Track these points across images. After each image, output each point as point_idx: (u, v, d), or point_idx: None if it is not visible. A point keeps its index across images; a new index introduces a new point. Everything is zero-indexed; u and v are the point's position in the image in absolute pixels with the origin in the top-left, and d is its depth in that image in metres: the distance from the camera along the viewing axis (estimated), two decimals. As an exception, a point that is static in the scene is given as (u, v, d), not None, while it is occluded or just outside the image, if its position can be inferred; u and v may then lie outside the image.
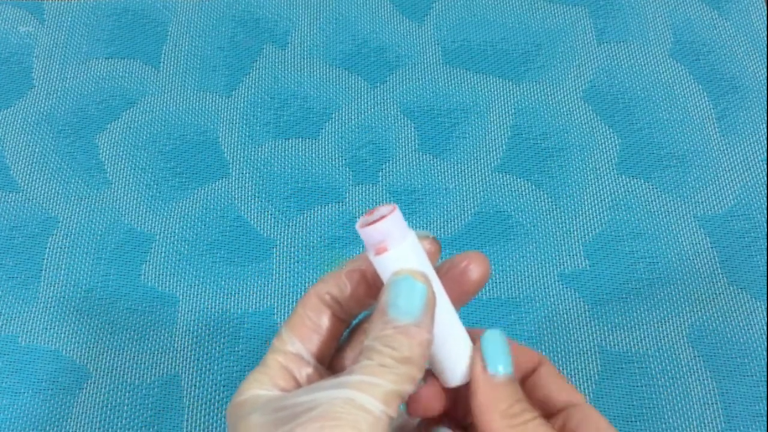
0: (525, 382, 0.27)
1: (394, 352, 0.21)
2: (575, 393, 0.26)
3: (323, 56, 0.52)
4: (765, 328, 0.43)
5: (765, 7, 0.54)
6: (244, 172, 0.48)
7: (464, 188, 0.47)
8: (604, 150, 0.49)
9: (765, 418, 0.41)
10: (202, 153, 0.48)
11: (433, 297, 0.22)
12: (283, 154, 0.48)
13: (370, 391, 0.21)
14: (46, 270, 0.45)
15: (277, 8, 0.54)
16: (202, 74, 0.51)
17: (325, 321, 0.24)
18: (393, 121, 0.49)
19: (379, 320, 0.22)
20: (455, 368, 0.24)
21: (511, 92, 0.50)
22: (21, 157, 0.48)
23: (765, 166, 0.48)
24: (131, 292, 0.44)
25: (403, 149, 0.48)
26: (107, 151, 0.48)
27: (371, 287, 0.24)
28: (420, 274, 0.22)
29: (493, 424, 0.22)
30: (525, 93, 0.50)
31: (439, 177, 0.48)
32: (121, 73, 0.51)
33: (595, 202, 0.47)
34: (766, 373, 0.42)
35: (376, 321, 0.22)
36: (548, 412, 0.26)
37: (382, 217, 0.22)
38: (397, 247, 0.22)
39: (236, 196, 0.47)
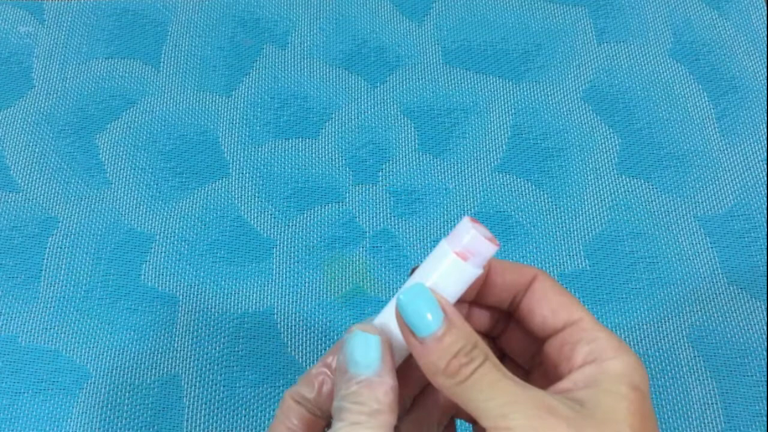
0: (519, 304, 0.26)
1: (363, 407, 0.22)
2: (575, 310, 0.25)
3: (323, 56, 0.52)
4: (765, 328, 0.43)
5: (765, 7, 0.54)
6: (244, 172, 0.48)
7: (464, 188, 0.47)
8: (604, 150, 0.49)
9: (765, 418, 0.41)
10: (202, 153, 0.48)
11: (388, 343, 0.23)
12: (283, 154, 0.48)
13: None
14: (46, 270, 0.45)
15: (277, 8, 0.54)
16: (202, 74, 0.51)
17: (300, 420, 0.25)
18: (393, 121, 0.49)
19: (342, 379, 0.23)
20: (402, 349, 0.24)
21: (511, 92, 0.50)
22: (21, 157, 0.48)
23: (765, 166, 0.48)
24: (131, 292, 0.44)
25: (403, 149, 0.48)
26: (107, 151, 0.48)
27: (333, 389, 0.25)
28: (371, 326, 0.24)
29: (442, 387, 0.22)
30: (525, 93, 0.50)
31: (439, 177, 0.48)
32: (121, 73, 0.51)
33: (595, 202, 0.47)
34: (766, 373, 0.42)
35: (339, 380, 0.23)
36: (548, 335, 0.25)
37: (492, 240, 0.24)
38: (471, 267, 0.24)
39: (236, 196, 0.47)
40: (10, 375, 0.42)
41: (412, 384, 0.26)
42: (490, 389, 0.21)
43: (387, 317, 0.24)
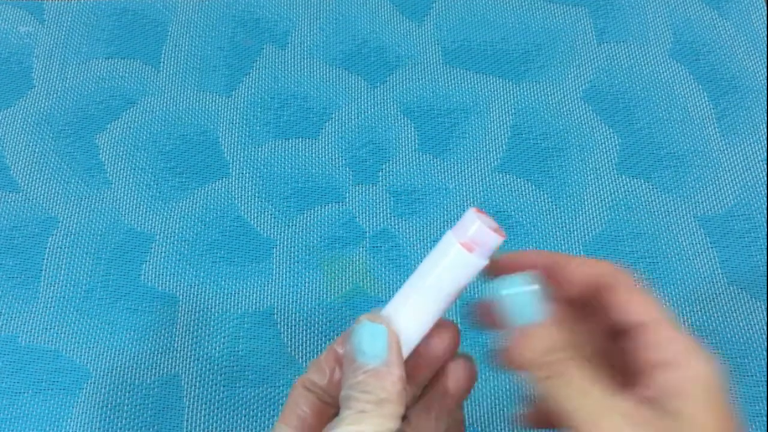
0: (593, 301, 0.25)
1: (370, 396, 0.22)
2: (652, 309, 0.24)
3: (323, 56, 0.52)
4: (765, 328, 0.43)
5: (765, 7, 0.54)
6: (244, 172, 0.48)
7: (464, 188, 0.47)
8: (604, 150, 0.49)
9: (765, 418, 0.41)
10: (202, 153, 0.48)
11: (395, 335, 0.24)
12: (283, 154, 0.48)
13: None
14: (46, 270, 0.45)
15: (277, 8, 0.54)
16: (202, 74, 0.51)
17: (311, 407, 0.25)
18: (393, 121, 0.49)
19: (350, 368, 0.23)
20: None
21: (511, 92, 0.50)
22: (21, 157, 0.48)
23: (765, 166, 0.48)
24: (131, 292, 0.44)
25: (403, 149, 0.48)
26: (107, 151, 0.48)
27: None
28: (378, 317, 0.24)
29: (531, 379, 0.23)
30: (525, 93, 0.50)
31: (439, 177, 0.48)
32: (121, 73, 0.51)
33: (595, 202, 0.47)
34: (766, 373, 0.42)
35: (347, 369, 0.23)
36: (621, 334, 0.25)
37: (498, 231, 0.24)
38: (477, 258, 0.24)
39: (236, 196, 0.47)
40: (10, 375, 0.42)
41: (421, 374, 0.26)
42: (580, 392, 0.22)
43: (395, 308, 0.24)
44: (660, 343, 0.23)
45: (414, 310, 0.24)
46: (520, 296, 0.23)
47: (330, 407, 0.26)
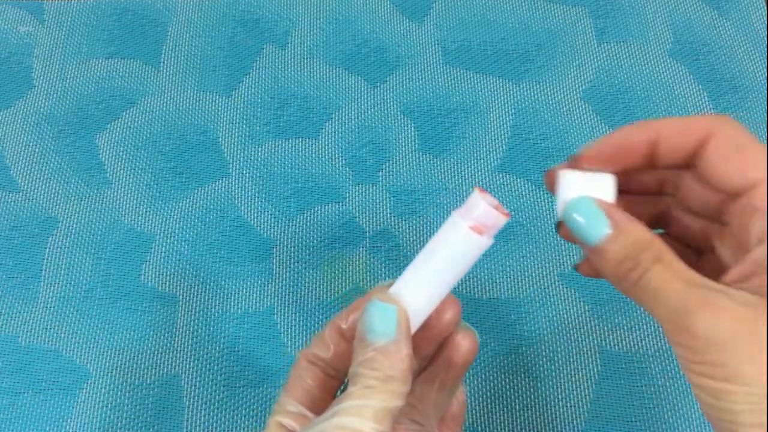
0: (695, 166, 0.23)
1: (377, 373, 0.23)
2: (752, 170, 0.22)
3: (323, 56, 0.52)
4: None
5: (765, 7, 0.54)
6: (244, 172, 0.48)
7: (464, 188, 0.47)
8: (604, 150, 0.49)
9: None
10: (202, 153, 0.48)
11: (405, 315, 0.24)
12: (283, 154, 0.48)
13: (361, 413, 0.22)
14: (46, 270, 0.45)
15: (277, 8, 0.54)
16: (202, 74, 0.51)
17: (315, 380, 0.26)
18: (393, 121, 0.49)
19: (360, 345, 0.24)
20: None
21: (511, 92, 0.50)
22: (21, 157, 0.48)
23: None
24: (131, 292, 0.44)
25: (403, 149, 0.48)
26: (107, 151, 0.48)
27: (350, 345, 0.25)
28: (389, 296, 0.24)
29: (619, 289, 0.23)
30: (525, 93, 0.50)
31: (439, 177, 0.48)
32: (121, 73, 0.51)
33: (595, 202, 0.47)
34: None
35: (357, 347, 0.24)
36: (726, 199, 0.23)
37: (499, 209, 0.25)
38: (483, 239, 0.25)
39: (236, 196, 0.47)
40: (10, 375, 0.42)
41: (425, 347, 0.27)
42: (657, 294, 0.21)
43: (403, 286, 0.25)
44: (757, 214, 0.21)
45: (422, 289, 0.25)
46: (588, 214, 0.23)
47: (334, 380, 0.26)
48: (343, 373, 0.27)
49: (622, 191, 0.25)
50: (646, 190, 0.26)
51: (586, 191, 0.24)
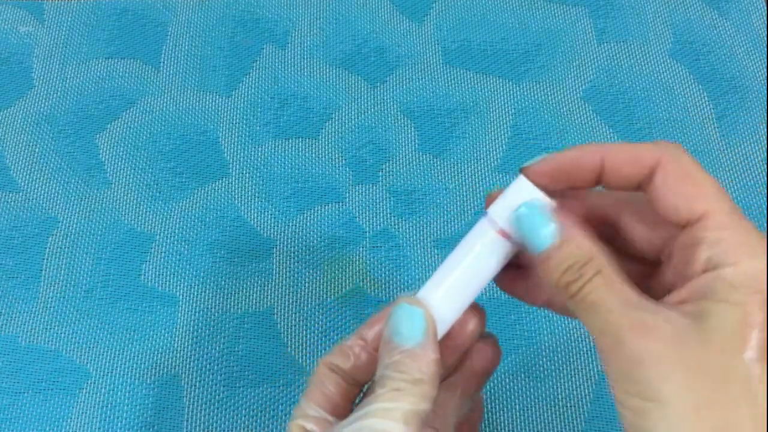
0: (643, 192, 0.23)
1: (406, 375, 0.23)
2: (700, 201, 0.21)
3: (323, 56, 0.52)
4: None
5: (765, 7, 0.54)
6: (244, 172, 0.48)
7: (464, 188, 0.47)
8: (604, 150, 0.49)
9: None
10: (202, 153, 0.48)
11: (432, 319, 0.24)
12: (283, 154, 0.48)
13: (390, 415, 0.22)
14: (46, 270, 0.45)
15: (277, 8, 0.54)
16: (202, 74, 0.51)
17: (336, 387, 0.26)
18: (393, 121, 0.49)
19: (386, 348, 0.24)
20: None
21: (511, 92, 0.50)
22: (21, 157, 0.48)
23: (765, 166, 0.48)
24: (131, 292, 0.44)
25: (403, 149, 0.48)
26: (107, 151, 0.48)
27: (372, 357, 0.25)
28: (416, 300, 0.24)
29: (566, 302, 0.22)
30: (525, 93, 0.50)
31: (439, 177, 0.48)
32: (121, 73, 0.51)
33: (595, 202, 0.47)
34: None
35: (383, 350, 0.24)
36: (674, 229, 0.23)
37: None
38: (512, 244, 0.24)
39: (236, 196, 0.47)
40: (10, 375, 0.42)
41: (450, 356, 0.27)
42: (593, 309, 0.21)
43: (431, 291, 0.25)
44: (704, 243, 0.21)
45: (449, 294, 0.25)
46: (537, 219, 0.23)
47: (355, 388, 0.26)
48: (362, 384, 0.27)
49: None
50: (624, 184, 0.25)
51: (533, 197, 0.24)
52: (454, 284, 0.25)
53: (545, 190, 0.24)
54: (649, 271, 0.25)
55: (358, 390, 0.26)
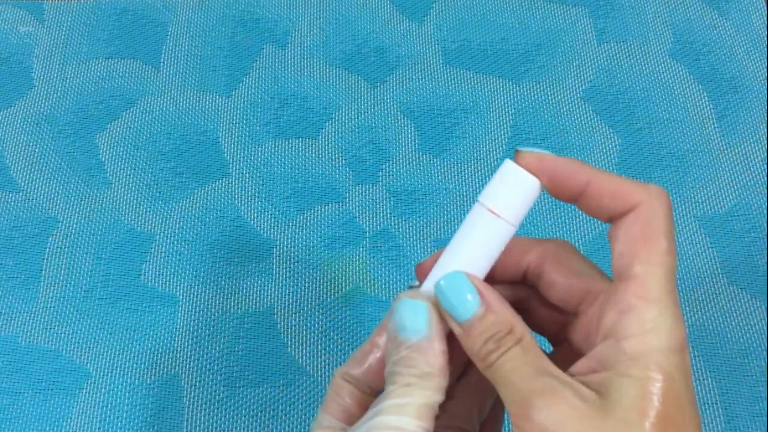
0: (537, 279, 0.25)
1: (415, 370, 0.22)
2: (593, 281, 0.23)
3: (323, 56, 0.52)
4: (765, 328, 0.43)
5: (765, 7, 0.54)
6: (244, 172, 0.48)
7: (464, 188, 0.47)
8: (604, 150, 0.49)
9: (765, 418, 0.41)
10: (202, 153, 0.48)
11: (436, 309, 0.24)
12: (283, 154, 0.48)
13: (402, 411, 0.22)
14: (46, 270, 0.45)
15: (277, 8, 0.54)
16: (202, 74, 0.51)
17: (351, 397, 0.25)
18: (393, 121, 0.49)
19: (392, 345, 0.23)
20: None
21: (511, 92, 0.50)
22: (21, 157, 0.48)
23: (765, 166, 0.48)
24: (131, 292, 0.44)
25: (403, 149, 0.48)
26: (107, 151, 0.48)
27: (382, 365, 0.25)
28: (417, 293, 0.24)
29: (477, 367, 0.23)
30: (525, 93, 0.50)
31: (439, 177, 0.48)
32: (121, 73, 0.51)
33: (595, 202, 0.47)
34: (766, 373, 0.42)
35: (390, 347, 0.24)
36: (569, 310, 0.25)
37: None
38: (508, 224, 0.23)
39: (236, 196, 0.47)
40: (10, 375, 0.42)
41: (461, 352, 0.26)
42: (507, 377, 0.22)
43: (431, 284, 0.24)
44: (604, 317, 0.22)
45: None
46: (461, 289, 0.23)
47: (371, 397, 0.26)
48: (378, 392, 0.26)
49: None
50: (508, 278, 0.26)
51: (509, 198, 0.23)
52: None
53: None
54: (568, 321, 0.25)
55: (373, 399, 0.26)
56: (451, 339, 0.24)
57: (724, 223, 0.46)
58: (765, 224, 0.46)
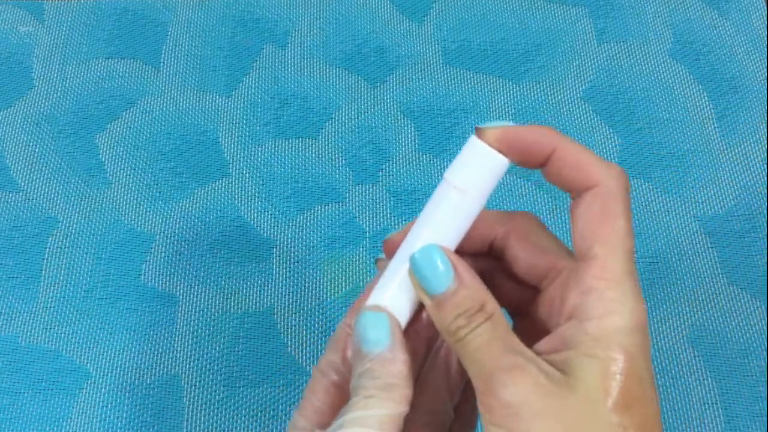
0: (503, 252, 0.26)
1: (377, 381, 0.23)
2: (560, 257, 0.24)
3: (323, 56, 0.52)
4: (765, 328, 0.43)
5: (765, 7, 0.54)
6: (244, 172, 0.48)
7: (464, 188, 0.47)
8: (604, 150, 0.49)
9: (765, 418, 0.41)
10: (202, 153, 0.48)
11: (396, 321, 0.24)
12: (283, 154, 0.48)
13: (365, 423, 0.22)
14: (46, 270, 0.45)
15: (277, 8, 0.54)
16: (202, 74, 0.51)
17: (326, 395, 0.26)
18: (393, 121, 0.49)
19: (357, 358, 0.24)
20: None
21: (511, 92, 0.50)
22: (21, 157, 0.48)
23: (765, 166, 0.48)
24: (131, 292, 0.44)
25: (403, 149, 0.48)
26: (107, 151, 0.48)
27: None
28: (377, 306, 0.24)
29: (447, 342, 0.23)
30: (525, 93, 0.50)
31: (439, 177, 0.47)
32: (121, 73, 0.51)
33: (595, 202, 0.47)
34: (766, 373, 0.42)
35: (355, 360, 0.24)
36: (533, 285, 0.25)
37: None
38: (465, 200, 0.24)
39: (236, 196, 0.47)
40: (10, 375, 0.42)
41: (419, 347, 0.26)
42: (475, 353, 0.22)
43: (383, 290, 0.24)
44: (569, 296, 0.22)
45: (401, 292, 0.24)
46: (435, 263, 0.23)
47: (345, 393, 0.26)
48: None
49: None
50: (474, 250, 0.26)
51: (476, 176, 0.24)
52: (404, 277, 0.24)
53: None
54: (533, 296, 0.26)
55: (347, 398, 0.26)
56: (415, 319, 0.25)
57: (724, 223, 0.46)
58: (765, 224, 0.46)
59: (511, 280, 0.26)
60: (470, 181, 0.24)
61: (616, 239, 0.22)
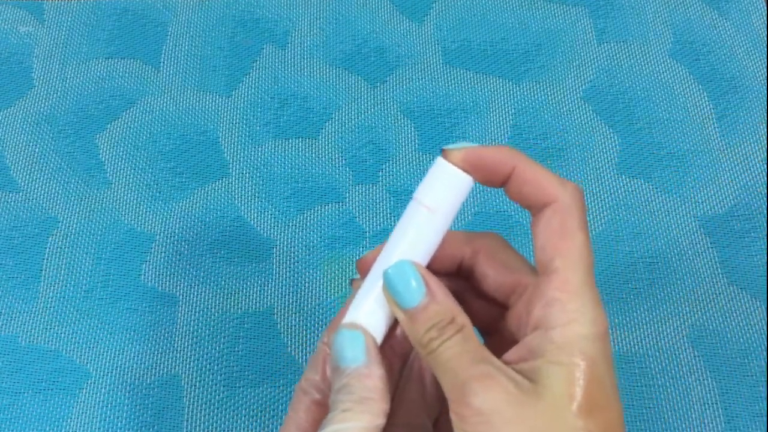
0: (471, 271, 0.27)
1: (354, 396, 0.23)
2: (523, 274, 0.25)
3: (323, 56, 0.52)
4: (765, 328, 0.43)
5: (765, 7, 0.54)
6: (244, 172, 0.48)
7: (464, 188, 0.47)
8: (604, 150, 0.49)
9: (765, 418, 0.41)
10: (202, 153, 0.48)
11: (372, 338, 0.25)
12: (283, 154, 0.48)
13: None
14: (46, 270, 0.45)
15: (277, 8, 0.54)
16: (202, 74, 0.51)
17: (307, 413, 0.26)
18: (393, 121, 0.49)
19: (335, 374, 0.24)
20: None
21: (511, 92, 0.50)
22: (21, 157, 0.48)
23: (765, 166, 0.48)
24: (131, 292, 0.44)
25: (403, 149, 0.48)
26: (107, 151, 0.48)
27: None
28: (353, 324, 0.25)
29: (420, 354, 0.24)
30: (525, 93, 0.50)
31: (439, 177, 0.48)
32: (121, 73, 0.51)
33: (595, 202, 0.47)
34: (766, 373, 0.42)
35: (333, 376, 0.24)
36: (501, 301, 0.26)
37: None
38: (435, 218, 0.24)
39: (236, 196, 0.47)
40: (10, 375, 0.42)
41: (396, 362, 0.27)
42: (446, 364, 0.23)
43: (358, 307, 0.25)
44: (534, 308, 0.23)
45: (377, 309, 0.25)
46: (408, 278, 0.24)
47: (327, 410, 0.26)
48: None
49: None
50: (444, 270, 0.27)
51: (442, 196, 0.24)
52: (378, 295, 0.25)
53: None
54: (501, 313, 0.27)
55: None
56: (390, 335, 0.25)
57: (724, 223, 0.46)
58: (765, 224, 0.46)
59: (480, 298, 0.27)
60: (438, 199, 0.25)
61: (576, 252, 0.23)
